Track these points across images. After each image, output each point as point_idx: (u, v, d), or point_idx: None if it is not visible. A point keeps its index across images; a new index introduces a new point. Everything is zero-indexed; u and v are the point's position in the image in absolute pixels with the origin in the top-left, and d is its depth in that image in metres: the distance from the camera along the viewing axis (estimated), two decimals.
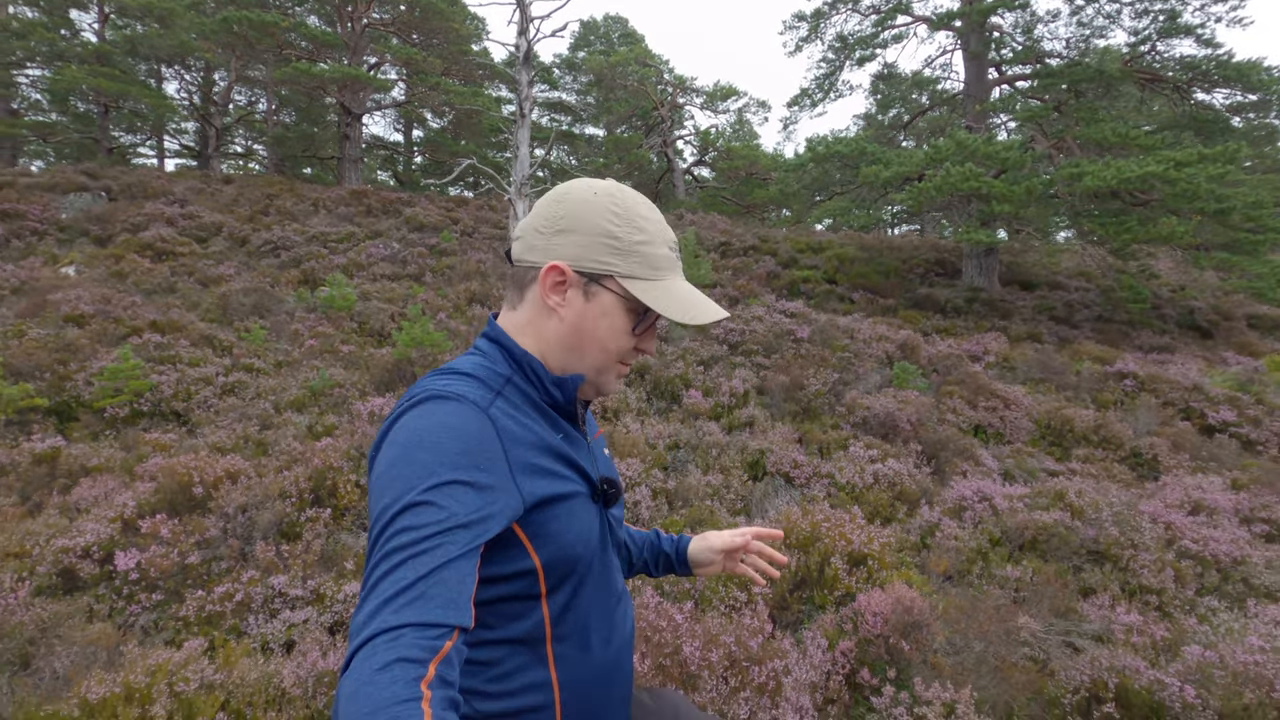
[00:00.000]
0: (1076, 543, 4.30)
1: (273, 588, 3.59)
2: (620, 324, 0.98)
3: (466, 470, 0.81)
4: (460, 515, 0.78)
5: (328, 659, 2.90)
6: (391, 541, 0.74)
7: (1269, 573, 4.30)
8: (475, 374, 0.94)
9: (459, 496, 0.79)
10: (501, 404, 0.92)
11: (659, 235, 1.00)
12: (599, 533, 1.01)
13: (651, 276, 0.98)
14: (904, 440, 7.01)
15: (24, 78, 23.89)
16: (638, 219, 0.98)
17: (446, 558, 0.74)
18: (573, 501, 0.95)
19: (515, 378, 0.97)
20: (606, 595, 1.03)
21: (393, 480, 0.80)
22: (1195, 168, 11.64)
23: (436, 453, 0.81)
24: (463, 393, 0.89)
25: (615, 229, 0.97)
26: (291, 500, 4.29)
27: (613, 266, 0.96)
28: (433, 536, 0.75)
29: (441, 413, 0.86)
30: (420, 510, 0.76)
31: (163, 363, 7.22)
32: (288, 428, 6.04)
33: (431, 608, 0.71)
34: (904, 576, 3.71)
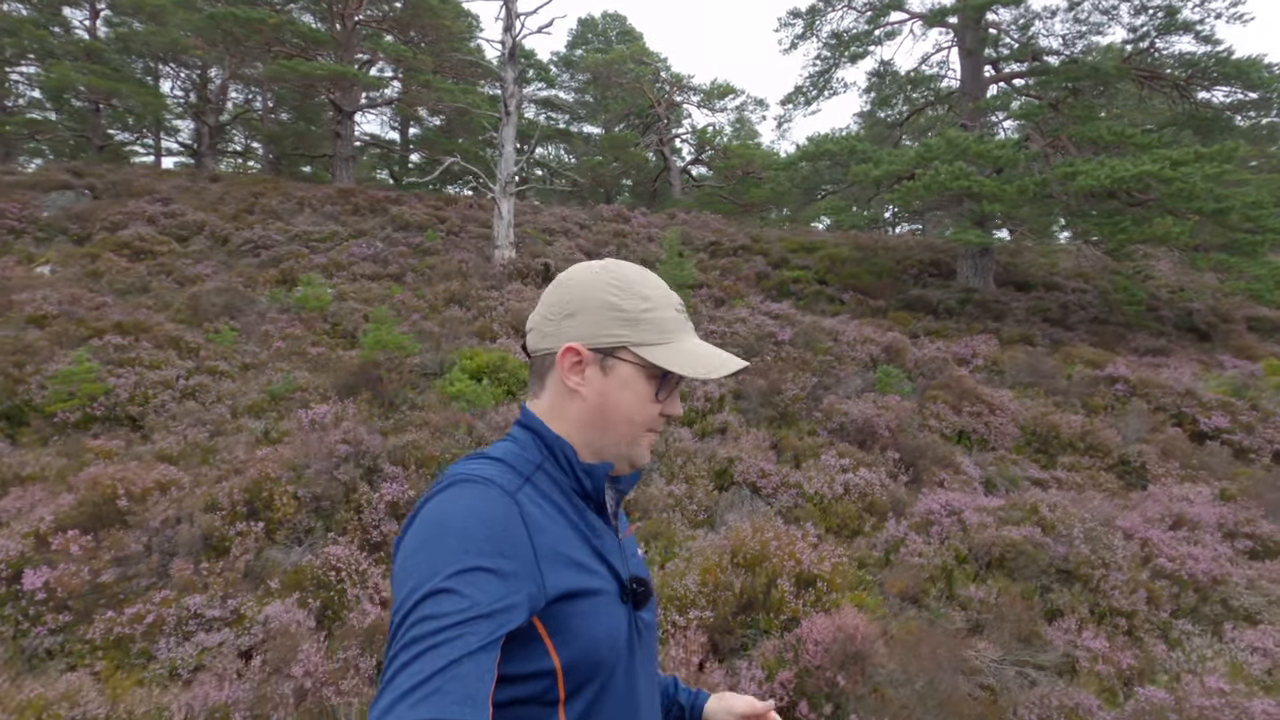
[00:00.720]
0: (1046, 561, 4.09)
1: (188, 608, 3.40)
2: (642, 392, 0.99)
3: (490, 557, 0.79)
4: (483, 604, 0.75)
5: (224, 690, 2.72)
6: (411, 631, 0.73)
7: (1249, 593, 4.09)
8: (505, 459, 0.94)
9: (482, 584, 0.77)
10: (530, 490, 0.91)
11: (663, 300, 1.01)
12: (626, 635, 0.95)
13: (663, 340, 0.99)
14: (881, 447, 6.80)
15: (17, 75, 23.82)
16: (638, 286, 1.00)
17: (466, 650, 0.72)
18: (599, 598, 0.92)
19: (547, 464, 0.97)
20: (631, 706, 0.97)
21: (416, 566, 0.79)
22: (1192, 167, 11.38)
23: (461, 539, 0.80)
24: (490, 477, 0.88)
25: (619, 301, 0.98)
26: (222, 513, 4.11)
27: (624, 337, 0.98)
28: (453, 627, 0.73)
29: (468, 497, 0.85)
30: (441, 599, 0.75)
31: (122, 365, 7.05)
32: (241, 434, 5.87)
33: (447, 704, 0.68)
34: (855, 599, 3.51)
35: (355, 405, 6.41)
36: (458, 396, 5.56)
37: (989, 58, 16.24)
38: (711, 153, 29.20)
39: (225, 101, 28.05)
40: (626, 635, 0.96)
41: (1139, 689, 2.64)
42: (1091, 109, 13.93)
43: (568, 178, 22.57)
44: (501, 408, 6.27)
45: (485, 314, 9.44)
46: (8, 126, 24.37)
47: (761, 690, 2.90)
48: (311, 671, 2.86)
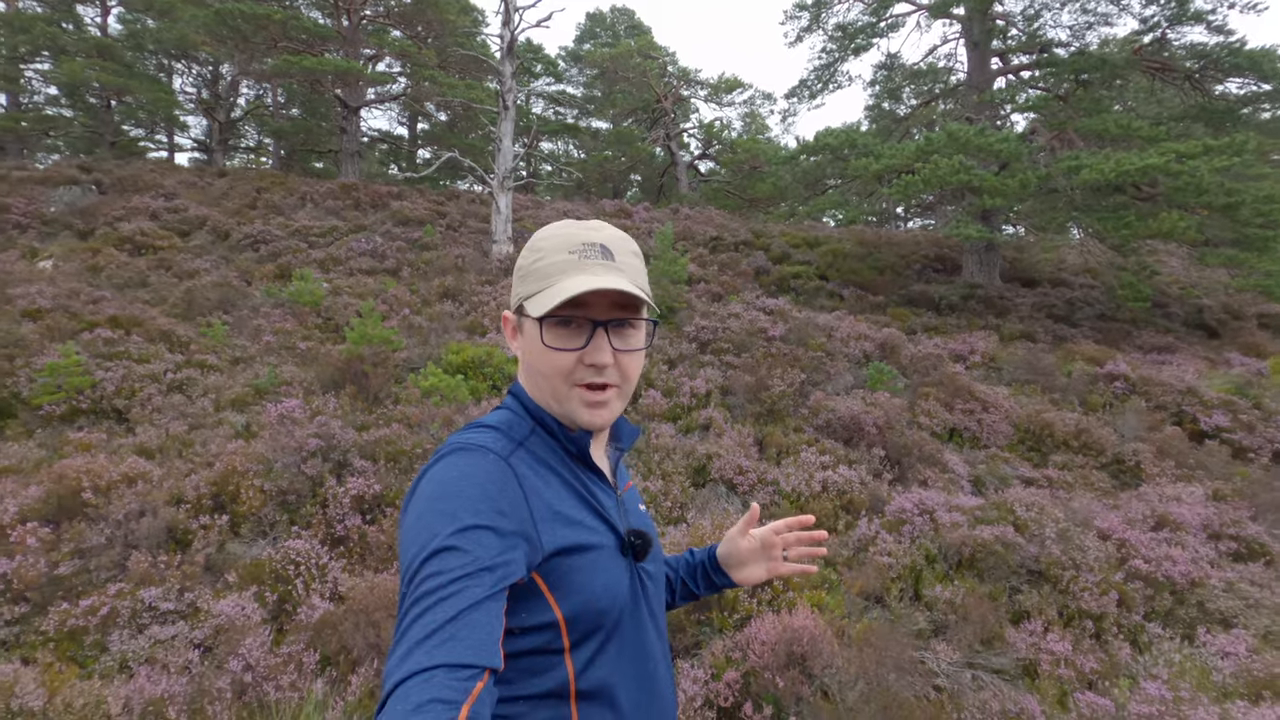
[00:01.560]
0: (1016, 561, 4.01)
1: (143, 601, 3.41)
2: (537, 342, 0.98)
3: (488, 515, 0.83)
4: (484, 558, 0.79)
5: (161, 683, 2.72)
6: (420, 587, 0.76)
7: (1226, 597, 3.99)
8: (499, 426, 0.98)
9: (482, 540, 0.80)
10: (523, 454, 0.94)
11: (557, 247, 0.99)
12: (629, 587, 0.99)
13: (542, 287, 0.97)
14: (868, 445, 6.72)
15: (31, 72, 24.12)
16: (539, 242, 1.01)
17: (473, 599, 0.75)
18: (597, 553, 0.94)
19: (537, 430, 1.00)
20: (640, 655, 1.00)
21: (420, 531, 0.82)
22: (1200, 160, 11.14)
23: (459, 501, 0.83)
24: (484, 443, 0.92)
25: (521, 260, 1.02)
26: (187, 506, 4.12)
27: (520, 294, 1.01)
28: (458, 580, 0.76)
29: (463, 463, 0.89)
30: (445, 556, 0.78)
31: (111, 359, 7.10)
32: (221, 428, 5.89)
33: (462, 649, 0.71)
34: (814, 599, 3.46)
35: (338, 400, 6.42)
36: (431, 391, 5.55)
37: (996, 50, 16.00)
38: (718, 148, 29.04)
39: (236, 98, 28.27)
40: (629, 586, 0.99)
41: (1077, 694, 2.58)
42: (1099, 102, 13.67)
43: (570, 172, 22.50)
44: (484, 403, 6.26)
45: (477, 309, 9.43)
46: (23, 123, 24.72)
47: (705, 689, 2.86)
48: (252, 665, 2.85)
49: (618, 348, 0.97)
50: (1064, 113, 14.35)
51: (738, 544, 1.28)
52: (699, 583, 1.32)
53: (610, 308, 0.96)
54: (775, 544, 1.27)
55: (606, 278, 0.94)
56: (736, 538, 1.28)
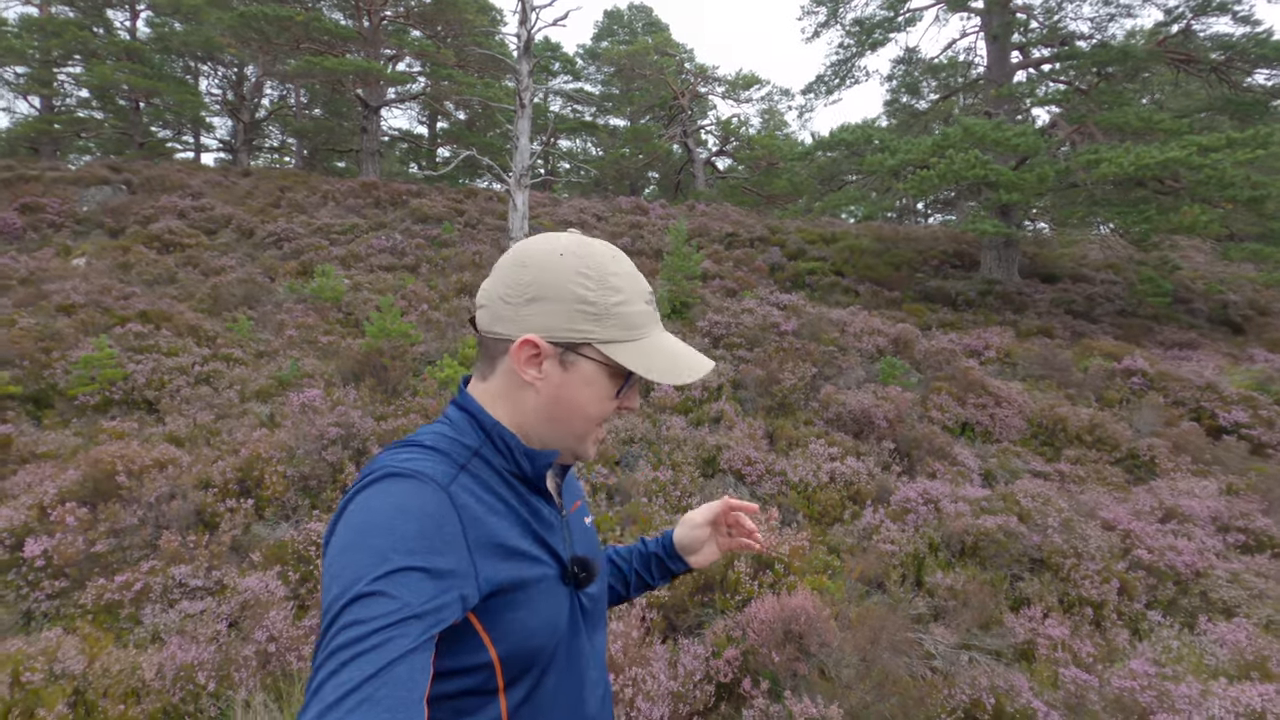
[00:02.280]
0: (1018, 550, 4.07)
1: (174, 578, 3.59)
2: (604, 390, 0.93)
3: (422, 555, 0.75)
4: (414, 605, 0.72)
5: (190, 651, 2.89)
6: (338, 638, 0.69)
7: (1230, 587, 4.01)
8: (438, 447, 0.89)
9: (412, 584, 0.73)
10: (465, 479, 0.86)
11: (634, 291, 0.95)
12: (568, 618, 0.94)
13: (630, 337, 0.92)
14: (878, 438, 6.77)
15: (64, 75, 24.78)
16: (610, 278, 0.92)
17: (397, 653, 0.68)
18: (537, 587, 0.89)
19: (484, 449, 0.91)
20: (576, 685, 0.96)
21: (342, 569, 0.74)
22: (1223, 153, 10.98)
23: (389, 537, 0.75)
24: (420, 470, 0.83)
25: (588, 293, 0.90)
26: (215, 490, 4.31)
27: (590, 334, 0.90)
28: (382, 630, 0.69)
29: (397, 492, 0.80)
30: (369, 602, 0.70)
31: (142, 352, 7.37)
32: (246, 417, 6.11)
33: (378, 712, 0.65)
34: (815, 583, 3.55)
35: (357, 391, 6.62)
36: (447, 383, 5.70)
37: (1016, 43, 15.85)
38: (736, 144, 29.01)
39: (260, 98, 28.81)
40: (569, 616, 0.94)
41: (1063, 670, 2.64)
42: (1121, 95, 13.50)
43: (587, 169, 22.63)
44: None
45: None
46: (56, 125, 25.41)
47: (706, 665, 2.97)
48: (276, 637, 3.01)
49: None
50: (1084, 106, 14.20)
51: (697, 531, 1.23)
52: (654, 573, 1.26)
53: None
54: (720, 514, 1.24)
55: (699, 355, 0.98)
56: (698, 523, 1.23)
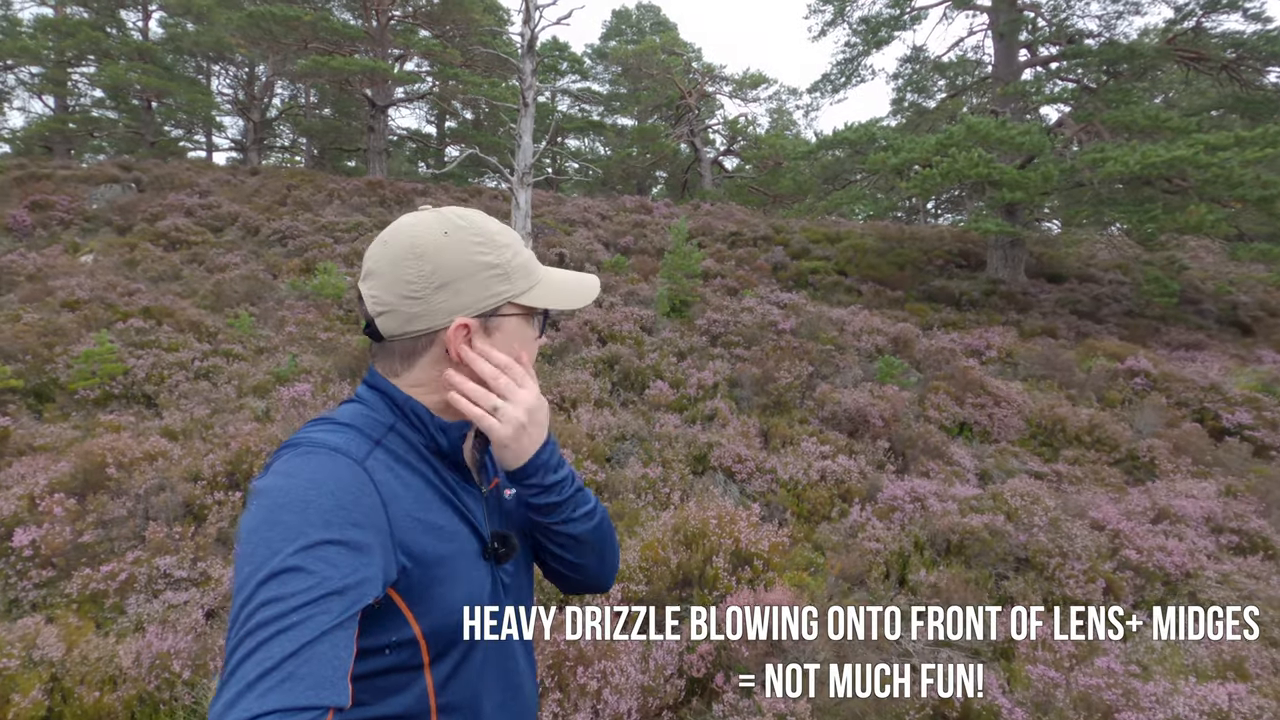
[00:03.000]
0: (1003, 549, 4.04)
1: (159, 568, 3.63)
2: (529, 336, 0.99)
3: (340, 528, 0.73)
4: (334, 580, 0.70)
5: (166, 640, 2.92)
6: (255, 616, 0.66)
7: (1220, 588, 3.96)
8: (353, 423, 0.88)
9: (331, 558, 0.71)
10: (381, 454, 0.85)
11: (516, 240, 0.99)
12: (489, 593, 0.93)
13: (535, 281, 0.98)
14: (873, 437, 6.74)
15: (78, 75, 25.08)
16: (495, 236, 0.95)
17: (319, 630, 0.67)
18: (457, 561, 0.88)
19: (399, 425, 0.90)
20: (502, 659, 0.95)
21: (256, 547, 0.71)
22: (1231, 152, 10.85)
23: (304, 512, 0.73)
24: (335, 445, 0.82)
25: (490, 257, 0.93)
26: (203, 483, 4.35)
27: (504, 293, 0.94)
28: (302, 607, 0.67)
29: (310, 467, 0.78)
30: (287, 578, 0.68)
31: (142, 347, 7.45)
32: (243, 412, 6.16)
33: (301, 689, 0.63)
34: (794, 579, 3.54)
35: (352, 386, 6.66)
36: None
37: (1024, 41, 15.73)
38: (742, 143, 28.96)
39: (270, 98, 29.04)
40: (490, 592, 0.93)
41: (1029, 668, 2.62)
42: (1129, 93, 13.36)
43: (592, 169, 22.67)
44: None
45: None
46: (70, 125, 25.73)
47: (679, 660, 2.97)
48: None
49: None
50: (1092, 105, 14.07)
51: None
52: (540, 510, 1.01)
53: None
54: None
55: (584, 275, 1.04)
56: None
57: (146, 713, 2.76)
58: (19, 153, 24.56)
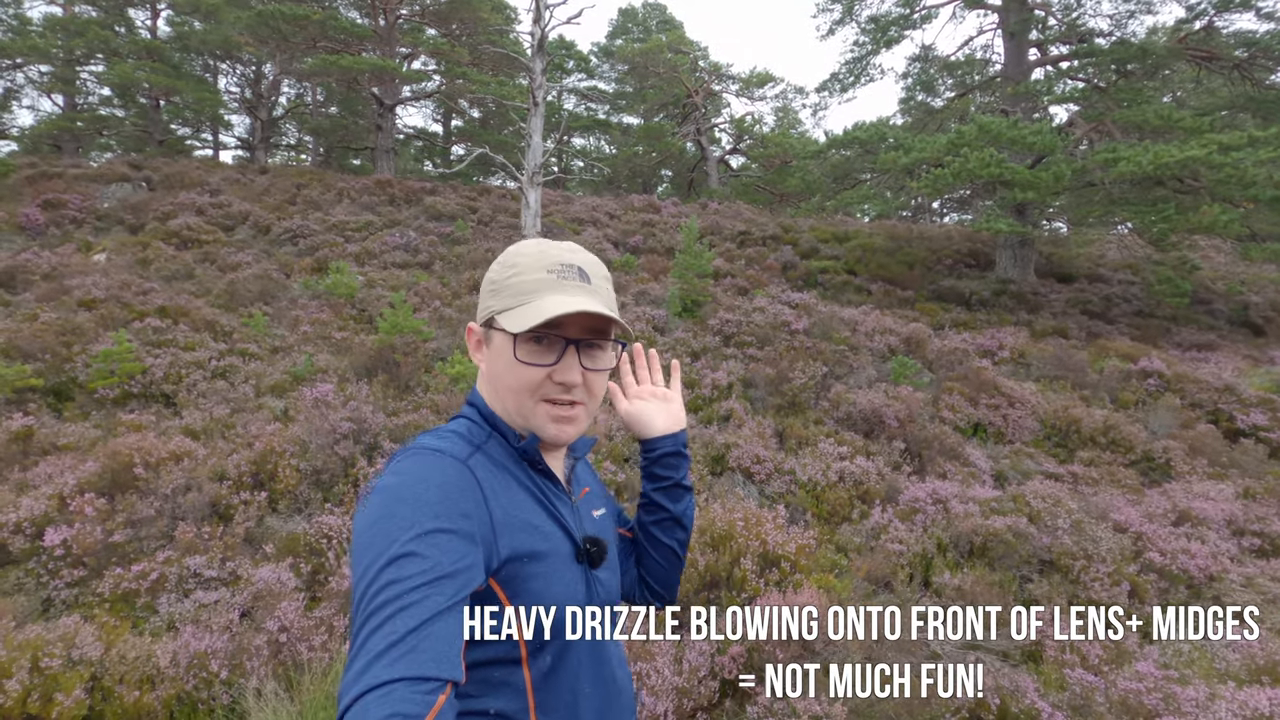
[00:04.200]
0: (1028, 551, 4.04)
1: (189, 568, 3.66)
2: (509, 356, 0.98)
3: (450, 519, 0.81)
4: (446, 564, 0.76)
5: (204, 640, 2.94)
6: (379, 596, 0.73)
7: (1245, 591, 3.96)
8: (458, 431, 0.98)
9: (443, 545, 0.78)
10: (481, 458, 0.93)
11: (533, 264, 1.00)
12: (584, 595, 0.98)
13: (520, 302, 0.98)
14: (888, 438, 6.74)
15: (87, 74, 25.15)
16: (514, 258, 1.02)
17: (435, 609, 0.73)
18: (553, 559, 0.94)
19: (495, 436, 1.00)
20: (597, 662, 0.99)
21: (376, 536, 0.79)
22: (1244, 152, 10.81)
23: (417, 505, 0.80)
24: (441, 447, 0.90)
25: (494, 274, 1.03)
26: (229, 483, 4.37)
27: (491, 307, 1.01)
28: (419, 588, 0.73)
29: (421, 466, 0.86)
30: (405, 562, 0.75)
31: (160, 346, 7.48)
32: (262, 411, 6.19)
33: (423, 661, 0.69)
34: (821, 581, 3.55)
35: (370, 386, 6.68)
36: (458, 378, 5.75)
37: (1034, 40, 15.68)
38: (749, 142, 28.93)
39: (277, 97, 29.08)
40: (585, 594, 0.98)
41: (1069, 672, 2.63)
42: (1140, 93, 13.32)
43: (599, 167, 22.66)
44: None
45: None
46: (79, 123, 25.80)
47: (711, 661, 2.99)
48: (287, 627, 3.06)
49: (586, 367, 0.99)
50: (1103, 104, 14.02)
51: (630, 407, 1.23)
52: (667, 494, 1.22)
53: (583, 329, 0.98)
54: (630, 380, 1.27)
55: (585, 300, 0.96)
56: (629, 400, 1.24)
57: (185, 712, 2.79)
58: (27, 151, 24.62)
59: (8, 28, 22.26)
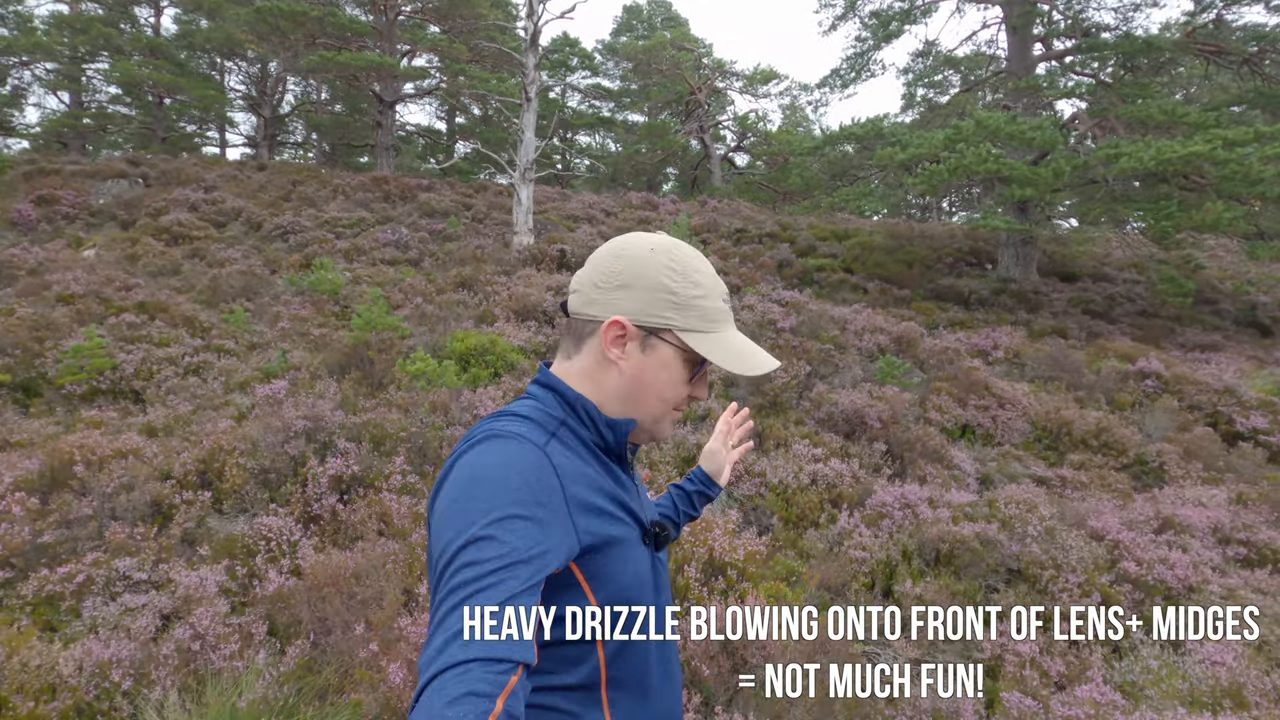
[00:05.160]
0: (995, 559, 3.86)
1: (117, 570, 3.54)
2: (678, 375, 1.02)
3: (526, 505, 0.82)
4: (521, 550, 0.78)
5: (109, 648, 2.82)
6: (457, 576, 0.76)
7: (1225, 603, 3.76)
8: (530, 416, 0.98)
9: (519, 531, 0.80)
10: (556, 444, 0.95)
11: (714, 290, 1.04)
12: (651, 575, 1.03)
13: (707, 329, 1.02)
14: (870, 439, 6.55)
15: (93, 71, 25.27)
16: (693, 274, 1.02)
17: (510, 592, 0.75)
18: (626, 544, 0.97)
19: (569, 420, 1.00)
20: (661, 641, 1.04)
21: (454, 516, 0.82)
22: (1250, 148, 10.51)
23: (496, 489, 0.83)
24: (520, 432, 0.92)
25: (673, 284, 1.00)
26: (173, 481, 4.26)
27: (671, 321, 1.00)
28: (496, 571, 0.75)
29: (500, 450, 0.88)
30: (482, 545, 0.77)
31: (133, 342, 7.41)
32: (228, 408, 6.09)
33: (498, 643, 0.72)
34: (771, 589, 3.39)
35: (339, 384, 6.57)
36: (418, 376, 5.62)
37: (1038, 35, 15.39)
38: (753, 139, 28.69)
39: (281, 94, 29.15)
40: (652, 575, 1.03)
41: (1004, 695, 2.46)
42: (1146, 87, 13.02)
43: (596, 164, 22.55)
44: (479, 390, 6.32)
45: (490, 298, 9.53)
46: (85, 120, 25.96)
47: None
48: (201, 634, 2.94)
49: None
50: (1107, 99, 13.73)
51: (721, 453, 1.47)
52: (695, 505, 1.45)
53: None
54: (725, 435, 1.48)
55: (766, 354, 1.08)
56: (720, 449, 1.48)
57: None
58: (38, 149, 24.78)
59: (12, 25, 22.38)
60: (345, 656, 2.74)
